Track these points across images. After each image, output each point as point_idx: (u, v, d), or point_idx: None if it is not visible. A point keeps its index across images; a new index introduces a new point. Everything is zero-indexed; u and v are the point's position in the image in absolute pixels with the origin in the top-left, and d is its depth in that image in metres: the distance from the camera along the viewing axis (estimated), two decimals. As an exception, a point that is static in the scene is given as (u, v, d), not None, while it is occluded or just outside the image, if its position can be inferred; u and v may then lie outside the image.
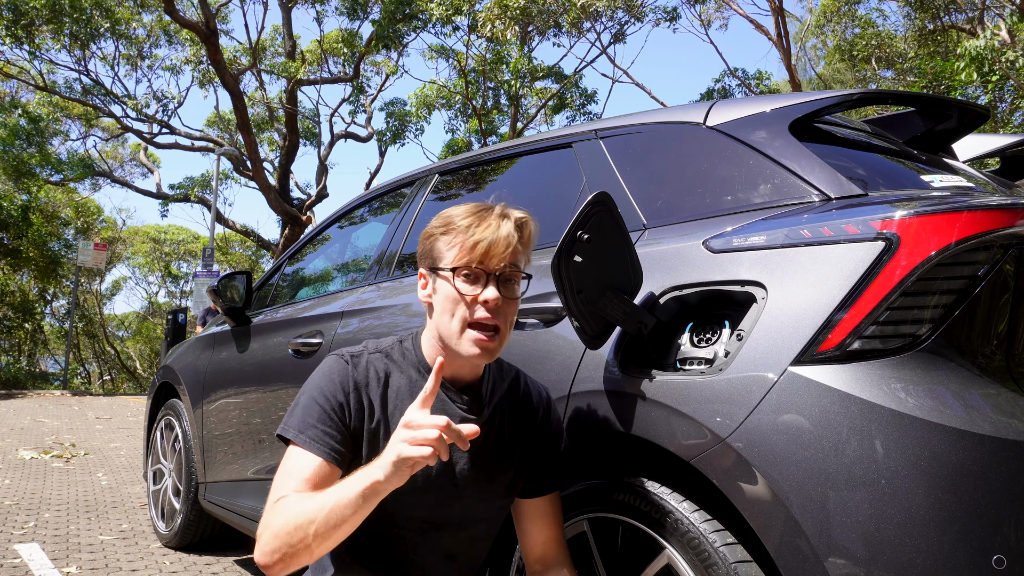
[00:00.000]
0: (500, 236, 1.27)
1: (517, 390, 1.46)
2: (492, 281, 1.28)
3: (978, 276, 1.16)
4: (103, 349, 25.93)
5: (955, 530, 1.04)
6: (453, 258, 1.30)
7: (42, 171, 19.04)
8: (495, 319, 1.29)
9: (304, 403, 1.32)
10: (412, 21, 16.20)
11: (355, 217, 3.00)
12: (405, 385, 1.37)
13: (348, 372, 1.34)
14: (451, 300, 1.29)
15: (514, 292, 1.32)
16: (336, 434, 1.29)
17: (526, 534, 1.45)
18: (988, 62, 7.59)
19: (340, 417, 1.30)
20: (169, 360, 3.66)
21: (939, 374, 1.14)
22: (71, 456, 6.01)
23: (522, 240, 1.32)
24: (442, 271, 1.31)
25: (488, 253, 1.27)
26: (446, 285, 1.30)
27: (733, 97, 10.63)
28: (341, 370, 1.34)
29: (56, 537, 3.45)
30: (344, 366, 1.35)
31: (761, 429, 1.17)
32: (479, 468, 1.38)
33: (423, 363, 1.39)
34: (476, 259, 1.28)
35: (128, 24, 17.78)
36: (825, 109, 1.59)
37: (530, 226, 1.34)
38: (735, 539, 1.24)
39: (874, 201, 1.30)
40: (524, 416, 1.45)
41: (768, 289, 1.26)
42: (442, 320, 1.32)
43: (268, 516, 1.20)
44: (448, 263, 1.30)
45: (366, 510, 1.15)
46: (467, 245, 1.28)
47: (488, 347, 1.29)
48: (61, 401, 11.69)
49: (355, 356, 1.38)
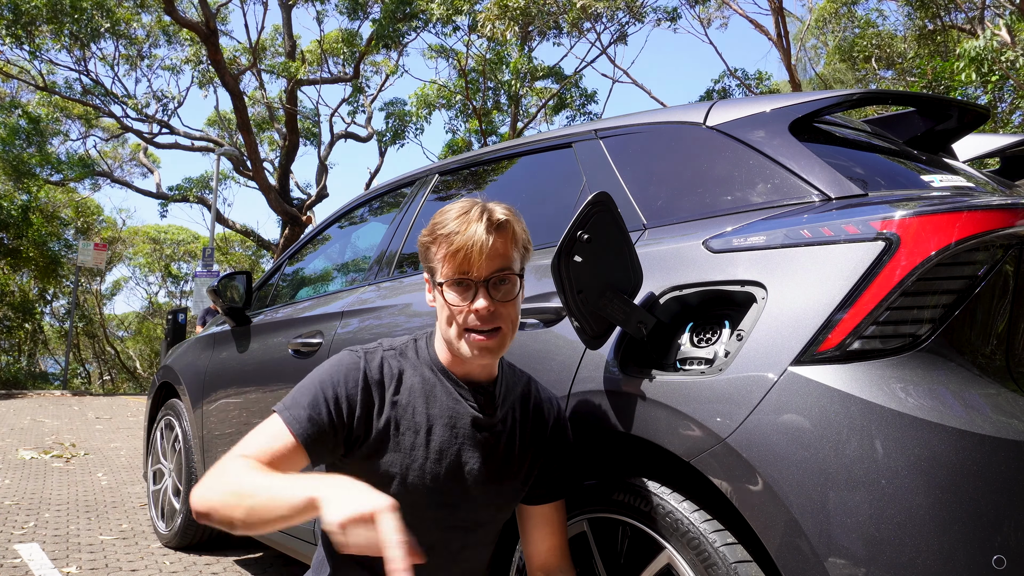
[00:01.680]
0: (476, 242, 1.26)
1: (529, 396, 1.46)
2: (481, 289, 1.28)
3: (978, 276, 1.16)
4: (103, 349, 25.93)
5: (955, 530, 1.04)
6: (440, 270, 1.31)
7: (42, 171, 19.03)
8: (490, 324, 1.29)
9: (304, 385, 1.33)
10: (412, 21, 16.21)
11: (355, 217, 3.00)
12: (418, 384, 1.37)
13: (360, 368, 1.33)
14: (447, 309, 1.31)
15: (508, 294, 1.30)
16: (320, 422, 1.27)
17: (530, 541, 1.45)
18: (988, 62, 7.59)
19: (334, 409, 1.29)
20: (169, 360, 3.66)
21: (939, 374, 1.14)
22: (71, 456, 6.01)
23: (505, 239, 1.29)
24: (435, 278, 1.33)
25: (470, 261, 1.27)
26: (440, 295, 1.32)
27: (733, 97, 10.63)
28: (353, 364, 1.34)
29: (56, 537, 3.45)
30: (357, 361, 1.34)
31: (761, 429, 1.17)
32: (490, 471, 1.37)
33: (436, 362, 1.39)
34: (460, 269, 1.28)
35: (128, 24, 17.78)
36: (825, 109, 1.59)
37: (511, 223, 1.31)
38: (735, 539, 1.24)
39: (874, 201, 1.30)
40: (536, 422, 1.44)
41: (768, 289, 1.26)
42: (443, 326, 1.34)
43: (221, 466, 1.21)
44: (438, 275, 1.31)
45: (298, 520, 1.10)
46: (449, 255, 1.28)
47: (487, 346, 1.29)
48: (61, 401, 11.69)
49: (370, 352, 1.37)
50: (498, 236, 1.28)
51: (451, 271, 1.28)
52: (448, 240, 1.28)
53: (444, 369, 1.38)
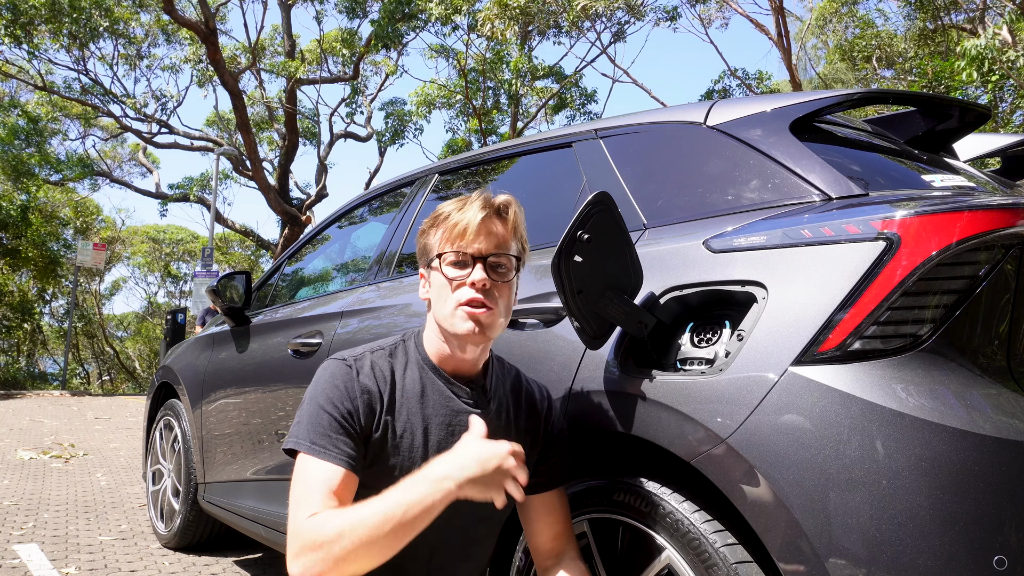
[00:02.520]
0: (478, 216, 1.31)
1: (520, 388, 1.47)
2: (479, 263, 1.32)
3: (979, 276, 1.16)
4: (102, 349, 25.93)
5: (956, 531, 1.04)
6: (438, 247, 1.34)
7: (41, 171, 19.04)
8: (486, 300, 1.31)
9: (311, 412, 1.29)
10: (412, 20, 16.21)
11: (355, 217, 3.00)
12: (410, 384, 1.36)
13: (352, 376, 1.32)
14: (443, 286, 1.33)
15: (504, 276, 1.34)
16: (350, 440, 1.27)
17: (536, 532, 1.44)
18: (988, 62, 7.59)
19: (351, 424, 1.28)
20: (168, 360, 3.66)
21: (940, 374, 1.14)
22: (70, 456, 6.01)
23: (505, 223, 1.35)
24: (432, 261, 1.35)
25: (469, 234, 1.31)
26: (437, 274, 1.34)
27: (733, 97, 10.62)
28: (345, 375, 1.32)
29: (55, 538, 3.45)
30: (348, 371, 1.33)
31: (762, 429, 1.17)
32: None
33: (427, 360, 1.39)
34: (458, 241, 1.32)
35: (127, 24, 17.78)
36: (826, 109, 1.59)
37: (513, 207, 1.37)
38: (736, 539, 1.24)
39: (875, 201, 1.30)
40: (529, 412, 1.45)
41: (769, 289, 1.26)
42: (437, 308, 1.35)
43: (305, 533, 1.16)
44: (435, 251, 1.35)
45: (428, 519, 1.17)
46: (449, 229, 1.33)
47: (481, 319, 1.30)
48: (60, 401, 11.68)
49: (358, 359, 1.36)
50: (498, 218, 1.35)
51: (450, 245, 1.33)
52: (448, 219, 1.34)
53: (434, 367, 1.38)
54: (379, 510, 1.15)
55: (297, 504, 1.21)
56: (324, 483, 1.21)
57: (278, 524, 2.39)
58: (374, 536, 1.13)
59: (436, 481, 1.17)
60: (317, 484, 1.21)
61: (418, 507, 1.15)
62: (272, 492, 2.51)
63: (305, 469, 1.24)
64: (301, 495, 1.22)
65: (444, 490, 1.17)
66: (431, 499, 1.16)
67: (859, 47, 15.30)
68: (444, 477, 1.17)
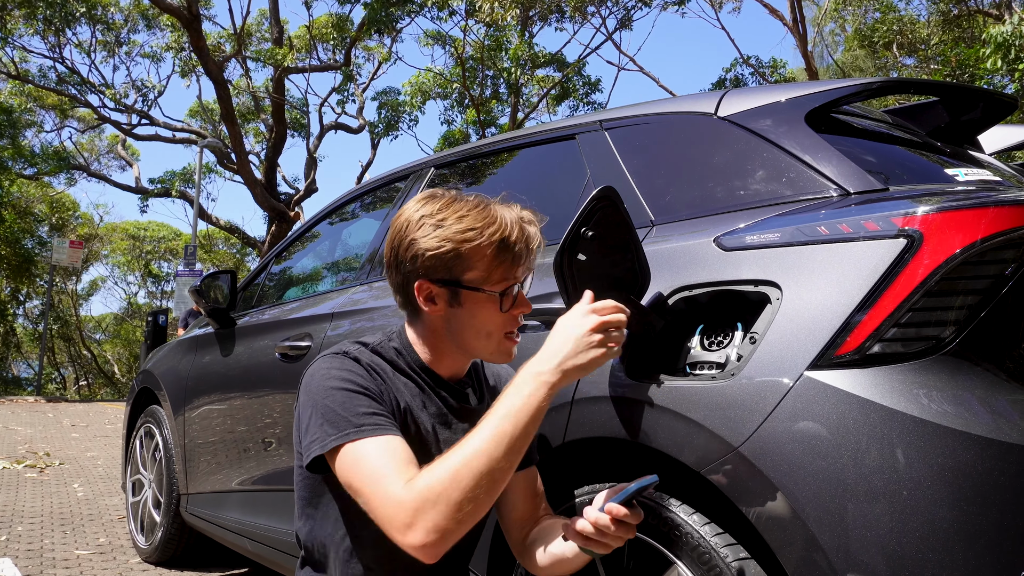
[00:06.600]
0: (533, 240, 1.29)
1: (486, 375, 1.51)
2: (519, 288, 1.31)
3: (1005, 275, 1.16)
4: (79, 353, 25.95)
5: (981, 544, 1.05)
6: (489, 277, 1.27)
7: (14, 164, 19.03)
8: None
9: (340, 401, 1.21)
10: (406, 5, 16.21)
11: (346, 213, 3.01)
12: (403, 386, 1.36)
13: (356, 363, 1.30)
14: (489, 321, 1.30)
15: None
16: (389, 415, 1.24)
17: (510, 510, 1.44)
18: (1016, 48, 7.59)
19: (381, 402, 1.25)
20: (149, 364, 3.66)
21: (964, 379, 1.14)
22: (45, 466, 6.01)
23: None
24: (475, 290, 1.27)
25: (523, 261, 1.29)
26: (482, 307, 1.29)
27: (746, 86, 10.63)
28: (349, 364, 1.29)
29: (29, 552, 3.45)
30: (348, 360, 1.30)
31: (775, 437, 1.17)
32: None
33: (419, 364, 1.38)
34: (512, 270, 1.28)
35: (105, 8, 17.79)
36: (844, 98, 1.59)
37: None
38: (748, 554, 1.25)
39: (895, 196, 1.30)
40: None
41: (783, 289, 1.26)
42: (469, 338, 1.32)
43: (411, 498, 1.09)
44: (484, 282, 1.27)
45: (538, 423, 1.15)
46: (499, 249, 1.26)
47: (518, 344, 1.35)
48: (34, 408, 11.69)
49: (350, 352, 1.33)
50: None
51: (503, 272, 1.27)
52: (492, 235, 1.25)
53: (427, 368, 1.38)
54: (487, 434, 1.12)
55: (379, 484, 1.13)
56: (396, 453, 1.15)
57: (265, 537, 2.39)
58: (493, 459, 1.10)
59: (534, 377, 1.15)
60: (390, 457, 1.15)
61: (527, 411, 1.13)
62: (259, 503, 2.51)
63: (365, 455, 1.16)
64: (378, 475, 1.13)
65: (545, 383, 1.15)
66: (536, 398, 1.14)
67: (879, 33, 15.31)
68: (539, 372, 1.16)
